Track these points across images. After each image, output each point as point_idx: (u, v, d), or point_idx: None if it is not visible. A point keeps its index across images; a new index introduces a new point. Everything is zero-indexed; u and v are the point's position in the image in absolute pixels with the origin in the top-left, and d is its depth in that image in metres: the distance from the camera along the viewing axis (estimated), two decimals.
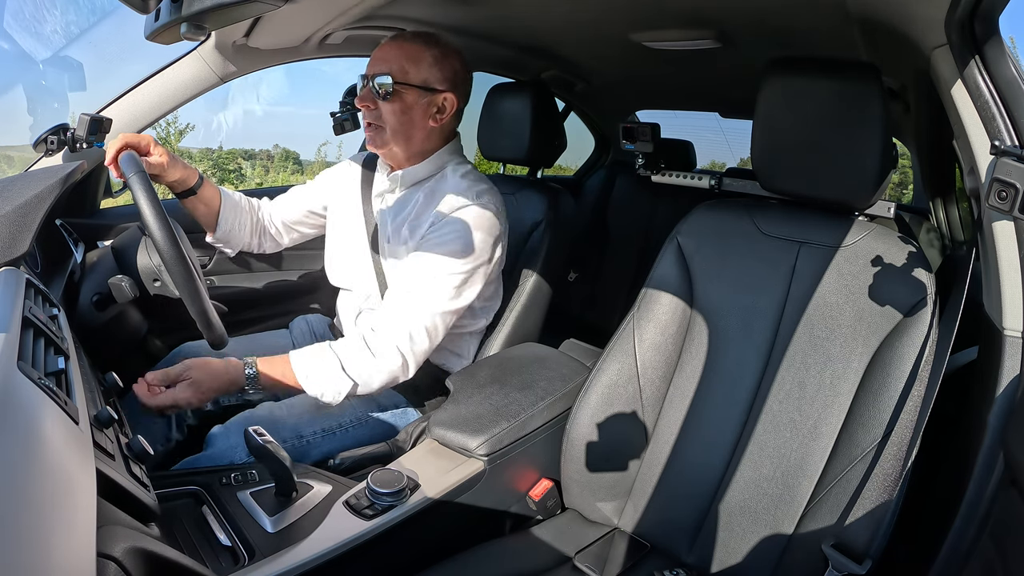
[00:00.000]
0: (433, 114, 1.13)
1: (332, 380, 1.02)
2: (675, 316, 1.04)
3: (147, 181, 0.86)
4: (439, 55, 1.11)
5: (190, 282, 0.86)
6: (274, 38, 1.25)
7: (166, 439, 1.14)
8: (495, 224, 1.14)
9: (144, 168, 0.89)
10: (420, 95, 1.10)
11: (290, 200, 1.34)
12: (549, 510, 1.07)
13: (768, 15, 1.14)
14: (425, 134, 1.14)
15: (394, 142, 1.13)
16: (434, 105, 1.13)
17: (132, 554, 0.45)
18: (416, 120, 1.12)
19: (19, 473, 0.38)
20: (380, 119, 1.11)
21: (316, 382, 1.02)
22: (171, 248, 0.83)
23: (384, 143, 1.13)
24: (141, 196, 0.83)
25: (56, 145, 1.16)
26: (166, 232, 0.83)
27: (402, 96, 1.09)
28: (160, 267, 0.98)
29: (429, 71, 1.10)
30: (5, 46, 2.19)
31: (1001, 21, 0.73)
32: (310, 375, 1.02)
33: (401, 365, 1.06)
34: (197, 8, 0.57)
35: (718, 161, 4.06)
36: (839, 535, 0.82)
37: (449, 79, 1.13)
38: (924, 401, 0.80)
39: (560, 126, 1.63)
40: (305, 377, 1.02)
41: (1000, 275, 0.77)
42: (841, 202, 0.97)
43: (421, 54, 1.10)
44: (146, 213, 0.83)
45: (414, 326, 1.07)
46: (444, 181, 1.17)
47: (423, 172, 1.18)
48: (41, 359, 0.58)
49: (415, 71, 1.09)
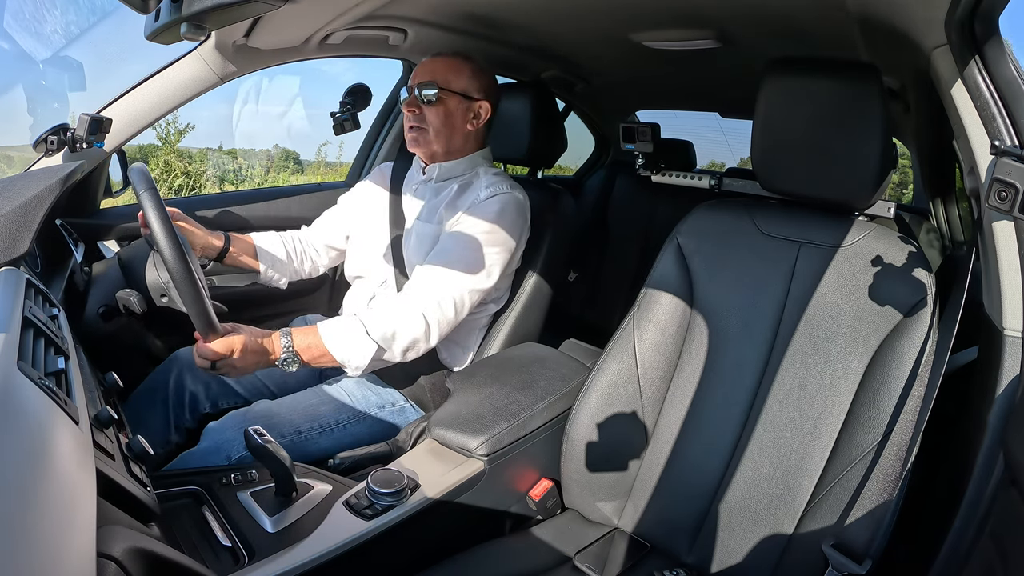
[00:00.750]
0: (471, 119, 1.26)
1: (357, 344, 1.04)
2: (675, 316, 1.04)
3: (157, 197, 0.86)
4: (476, 69, 1.26)
5: (198, 301, 0.86)
6: (274, 38, 1.25)
7: (165, 441, 1.15)
8: (525, 215, 1.25)
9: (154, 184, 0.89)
10: (460, 101, 1.24)
11: (324, 222, 1.44)
12: (549, 510, 1.07)
13: (768, 15, 1.14)
14: (463, 136, 1.27)
15: (436, 141, 1.25)
16: (471, 111, 1.26)
17: (132, 554, 0.45)
18: (456, 123, 1.25)
19: (19, 473, 0.38)
20: (424, 122, 1.23)
21: (342, 346, 1.04)
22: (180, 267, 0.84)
23: (427, 143, 1.25)
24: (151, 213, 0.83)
25: (56, 145, 1.15)
26: (176, 251, 0.83)
27: (445, 102, 1.22)
28: (168, 283, 0.99)
29: (468, 82, 1.24)
30: (5, 46, 2.19)
31: (1001, 21, 0.73)
32: (337, 340, 1.04)
33: (424, 330, 1.09)
34: (197, 8, 0.57)
35: (718, 161, 4.07)
36: (839, 535, 0.82)
37: (485, 89, 1.27)
38: (924, 401, 0.80)
39: (560, 126, 1.63)
40: (331, 341, 1.04)
41: (1000, 275, 0.77)
42: (841, 202, 0.97)
43: (462, 67, 1.24)
44: (156, 230, 0.83)
45: (443, 294, 1.12)
46: (477, 178, 1.28)
47: (459, 169, 1.29)
48: (41, 359, 0.58)
49: (456, 81, 1.23)
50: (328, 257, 1.44)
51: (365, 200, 1.39)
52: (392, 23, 1.36)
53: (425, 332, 1.09)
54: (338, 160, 6.72)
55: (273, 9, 0.59)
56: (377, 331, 1.05)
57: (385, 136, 1.83)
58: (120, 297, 0.97)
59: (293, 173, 6.97)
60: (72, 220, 1.26)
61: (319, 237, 1.43)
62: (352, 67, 9.62)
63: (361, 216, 1.38)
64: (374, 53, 1.55)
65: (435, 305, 1.10)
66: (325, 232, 1.43)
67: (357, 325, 1.05)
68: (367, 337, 1.05)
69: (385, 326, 1.06)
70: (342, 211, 1.43)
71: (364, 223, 1.36)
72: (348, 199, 1.44)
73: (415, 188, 1.33)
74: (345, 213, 1.42)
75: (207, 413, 1.18)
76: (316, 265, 1.44)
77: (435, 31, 1.41)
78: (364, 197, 1.40)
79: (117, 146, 1.28)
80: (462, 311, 1.15)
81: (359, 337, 1.04)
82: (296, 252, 1.40)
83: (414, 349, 1.10)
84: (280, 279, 1.38)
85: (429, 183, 1.30)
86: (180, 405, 1.17)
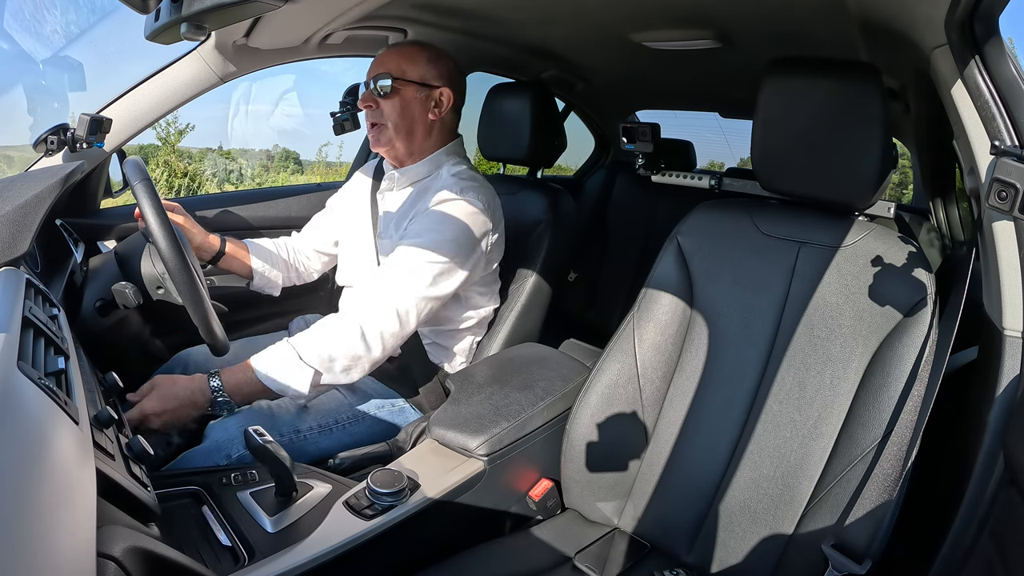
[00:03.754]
0: (431, 108, 1.20)
1: (292, 372, 1.01)
2: (675, 316, 1.04)
3: (152, 189, 0.86)
4: (433, 55, 1.20)
5: (194, 291, 0.86)
6: (274, 38, 1.25)
7: (166, 443, 1.14)
8: (478, 218, 1.15)
9: (149, 176, 0.89)
10: (418, 90, 1.17)
11: (312, 228, 1.41)
12: (549, 510, 1.07)
13: (768, 15, 1.14)
14: (425, 128, 1.20)
15: (397, 138, 1.19)
16: (431, 100, 1.19)
17: (132, 554, 0.45)
18: (416, 115, 1.18)
19: (19, 473, 0.38)
20: (382, 117, 1.17)
21: (278, 378, 1.00)
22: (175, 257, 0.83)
23: (387, 141, 1.19)
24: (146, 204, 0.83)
25: (56, 145, 1.15)
26: (171, 241, 0.83)
27: (401, 93, 1.16)
28: (164, 275, 0.98)
29: (425, 68, 1.18)
30: (5, 46, 2.19)
31: (1001, 21, 0.73)
32: (270, 372, 1.01)
33: (363, 345, 1.04)
34: (197, 8, 0.57)
35: (718, 161, 4.06)
36: (839, 535, 0.82)
37: (444, 75, 1.20)
38: (924, 401, 0.80)
39: (560, 126, 1.63)
40: (266, 375, 1.01)
41: (1000, 275, 0.77)
42: (841, 202, 0.97)
43: (416, 55, 1.18)
44: (151, 221, 0.83)
45: (382, 305, 1.06)
46: (437, 179, 1.21)
47: (421, 171, 1.23)
48: (41, 359, 0.58)
49: (412, 69, 1.17)
50: (320, 263, 1.42)
51: (349, 204, 1.36)
52: (392, 23, 1.36)
53: (365, 347, 1.04)
54: (338, 160, 6.72)
55: (273, 9, 0.59)
56: (312, 355, 1.01)
57: None
58: (116, 290, 0.96)
59: (293, 173, 6.97)
60: (72, 220, 1.26)
61: (308, 243, 1.41)
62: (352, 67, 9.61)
63: (346, 221, 1.35)
64: (374, 53, 1.54)
65: (374, 317, 1.05)
66: (314, 238, 1.40)
67: (289, 353, 1.01)
68: (301, 363, 1.01)
69: (320, 348, 1.02)
70: (329, 216, 1.40)
71: (349, 229, 1.33)
72: (335, 203, 1.40)
73: (383, 197, 1.29)
74: (332, 218, 1.40)
75: (208, 413, 1.18)
76: (308, 271, 1.42)
77: (435, 31, 1.41)
78: (349, 201, 1.37)
79: (117, 146, 1.28)
80: (408, 321, 1.08)
81: (293, 364, 1.01)
82: (290, 260, 1.38)
83: (357, 367, 1.05)
84: (272, 288, 1.36)
85: (394, 190, 1.26)
86: None
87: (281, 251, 1.37)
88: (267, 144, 7.29)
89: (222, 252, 1.26)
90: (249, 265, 1.31)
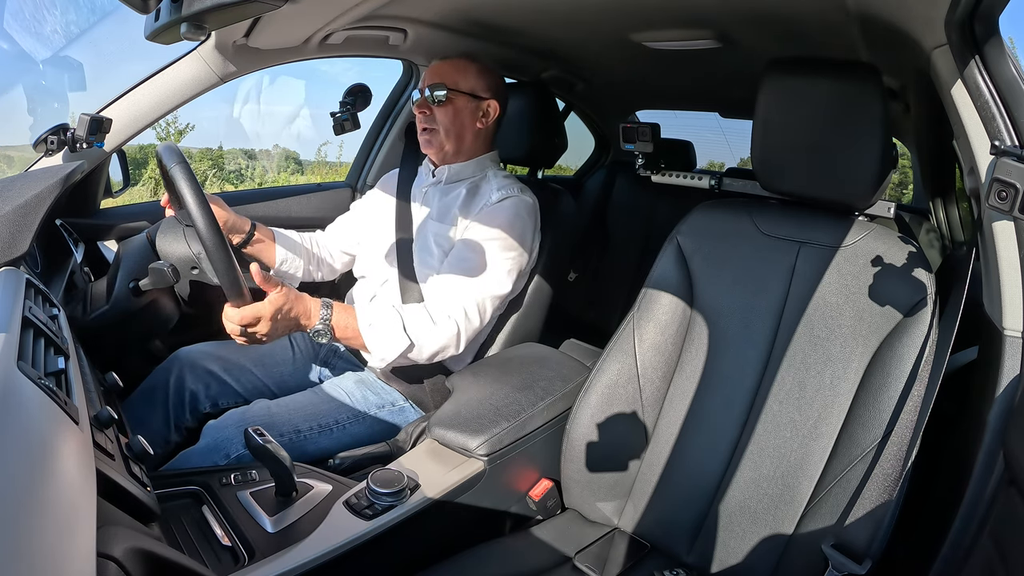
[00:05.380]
0: (480, 117, 1.29)
1: (392, 335, 1.05)
2: (675, 316, 1.04)
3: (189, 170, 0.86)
4: (483, 69, 1.30)
5: (231, 270, 0.87)
6: (274, 38, 1.25)
7: (165, 441, 1.15)
8: (536, 218, 1.27)
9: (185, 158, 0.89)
10: (468, 101, 1.27)
11: (338, 227, 1.46)
12: (549, 510, 1.07)
13: (768, 15, 1.14)
14: (473, 135, 1.30)
15: (447, 141, 1.28)
16: (480, 110, 1.29)
17: (132, 554, 0.45)
18: (466, 122, 1.28)
19: (19, 473, 0.38)
20: (434, 123, 1.26)
21: (377, 333, 1.04)
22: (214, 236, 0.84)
23: (439, 144, 1.28)
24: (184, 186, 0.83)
25: (56, 145, 1.15)
26: (210, 220, 0.84)
27: (454, 102, 1.26)
28: (200, 254, 1.01)
29: (475, 81, 1.28)
30: (5, 46, 2.19)
31: (1001, 21, 0.73)
32: (373, 324, 1.05)
33: (455, 336, 1.11)
34: (197, 8, 0.57)
35: (718, 161, 4.07)
36: (839, 535, 0.82)
37: (492, 88, 1.30)
38: (924, 401, 0.80)
39: (560, 126, 1.63)
40: (368, 325, 1.04)
41: (1000, 275, 0.77)
42: (841, 202, 0.97)
43: (468, 68, 1.28)
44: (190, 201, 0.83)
45: (468, 302, 1.13)
46: (487, 181, 1.29)
47: (467, 171, 1.31)
48: (41, 359, 0.58)
49: (464, 81, 1.26)
50: (342, 262, 1.46)
51: (374, 207, 1.42)
52: (392, 23, 1.36)
53: (455, 339, 1.11)
54: (338, 160, 6.73)
55: (273, 9, 0.59)
56: (414, 328, 1.07)
57: (385, 136, 1.83)
58: (153, 269, 0.98)
59: (293, 173, 6.97)
60: (72, 220, 1.26)
61: (334, 242, 1.45)
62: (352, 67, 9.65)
63: (370, 221, 1.40)
64: (374, 53, 1.55)
65: (463, 313, 1.12)
66: (340, 237, 1.45)
67: (395, 318, 1.06)
68: (403, 332, 1.06)
69: (422, 326, 1.07)
70: (355, 217, 1.45)
71: (372, 227, 1.38)
72: (360, 206, 1.46)
73: (424, 191, 1.35)
74: (358, 219, 1.44)
75: (207, 412, 1.18)
76: (332, 269, 1.46)
77: (435, 31, 1.41)
78: (374, 204, 1.43)
79: (117, 146, 1.28)
80: (485, 318, 1.16)
81: (395, 330, 1.05)
82: (313, 254, 1.41)
83: (442, 354, 1.12)
84: (292, 279, 1.38)
85: (439, 185, 1.32)
86: (180, 405, 1.17)
87: (306, 243, 1.40)
88: (267, 144, 7.30)
89: (251, 236, 1.28)
90: (272, 255, 1.33)
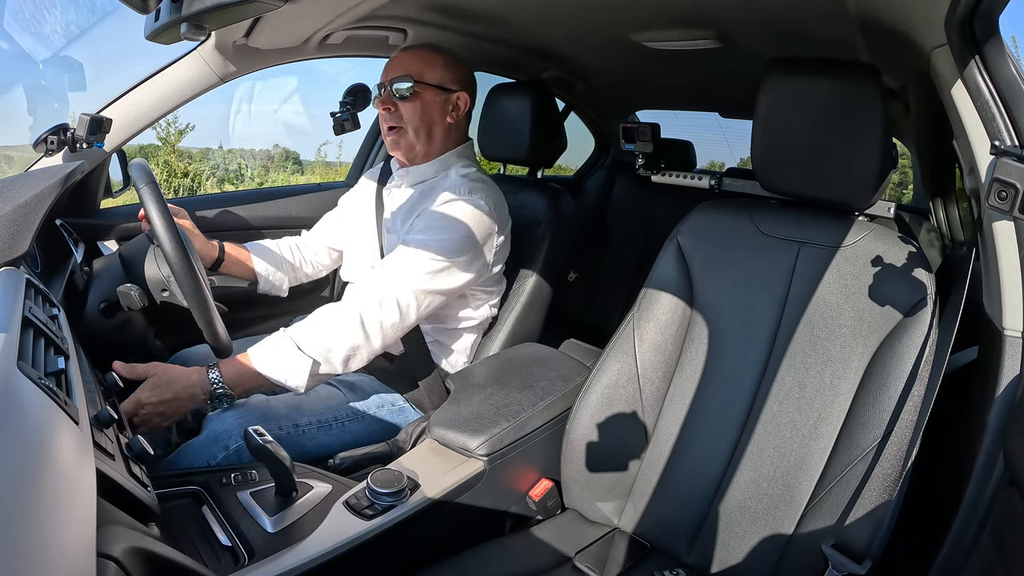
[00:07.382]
0: (450, 111, 1.21)
1: (291, 363, 1.01)
2: (675, 316, 1.04)
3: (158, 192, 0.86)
4: (450, 60, 1.21)
5: (199, 294, 0.86)
6: (274, 38, 1.25)
7: (166, 442, 1.14)
8: (484, 220, 1.16)
9: (155, 178, 0.89)
10: (437, 94, 1.18)
11: (324, 224, 1.43)
12: (549, 510, 1.07)
13: (768, 15, 1.14)
14: (444, 131, 1.22)
15: (417, 141, 1.20)
16: (449, 103, 1.21)
17: (132, 554, 0.45)
18: (436, 118, 1.19)
19: (19, 473, 0.38)
20: (401, 120, 1.18)
21: (277, 368, 1.00)
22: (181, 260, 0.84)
23: (408, 144, 1.20)
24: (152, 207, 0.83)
25: (56, 145, 1.15)
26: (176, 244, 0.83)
27: (421, 96, 1.17)
28: (169, 277, 0.98)
29: (443, 73, 1.19)
30: (5, 46, 2.19)
31: (1001, 21, 0.73)
32: (269, 363, 1.00)
33: (363, 335, 1.04)
34: (197, 8, 0.57)
35: (718, 161, 4.06)
36: (839, 535, 0.82)
37: (461, 80, 1.22)
38: (924, 401, 0.80)
39: (560, 126, 1.63)
40: (264, 365, 1.00)
41: (1000, 275, 0.77)
42: (841, 202, 0.97)
43: (434, 59, 1.19)
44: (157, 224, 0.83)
45: (385, 295, 1.06)
46: (446, 179, 1.22)
47: (429, 171, 1.25)
48: (41, 359, 0.58)
49: (431, 73, 1.18)
50: (330, 258, 1.44)
51: (357, 203, 1.38)
52: (392, 23, 1.36)
53: (364, 337, 1.04)
54: (338, 160, 6.72)
55: (273, 9, 0.59)
56: (310, 345, 1.01)
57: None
58: (121, 292, 0.97)
59: (293, 173, 6.97)
60: (72, 220, 1.26)
61: (320, 239, 1.43)
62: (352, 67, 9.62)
63: (352, 220, 1.37)
64: (374, 53, 1.55)
65: (375, 307, 1.05)
66: (326, 234, 1.43)
67: (287, 343, 1.01)
68: (300, 353, 1.01)
69: (318, 338, 1.02)
70: (339, 213, 1.43)
71: (354, 228, 1.35)
72: (345, 201, 1.43)
73: (389, 193, 1.31)
74: (342, 215, 1.42)
75: (207, 413, 1.18)
76: (318, 267, 1.44)
77: (435, 31, 1.41)
78: (357, 200, 1.39)
79: (117, 146, 1.28)
80: (408, 314, 1.08)
81: (291, 355, 1.01)
82: (295, 259, 1.39)
83: (356, 357, 1.05)
84: (279, 288, 1.37)
85: (401, 187, 1.28)
86: None
87: (284, 252, 1.38)
88: (266, 144, 7.30)
89: (221, 259, 1.26)
90: (252, 268, 1.32)
